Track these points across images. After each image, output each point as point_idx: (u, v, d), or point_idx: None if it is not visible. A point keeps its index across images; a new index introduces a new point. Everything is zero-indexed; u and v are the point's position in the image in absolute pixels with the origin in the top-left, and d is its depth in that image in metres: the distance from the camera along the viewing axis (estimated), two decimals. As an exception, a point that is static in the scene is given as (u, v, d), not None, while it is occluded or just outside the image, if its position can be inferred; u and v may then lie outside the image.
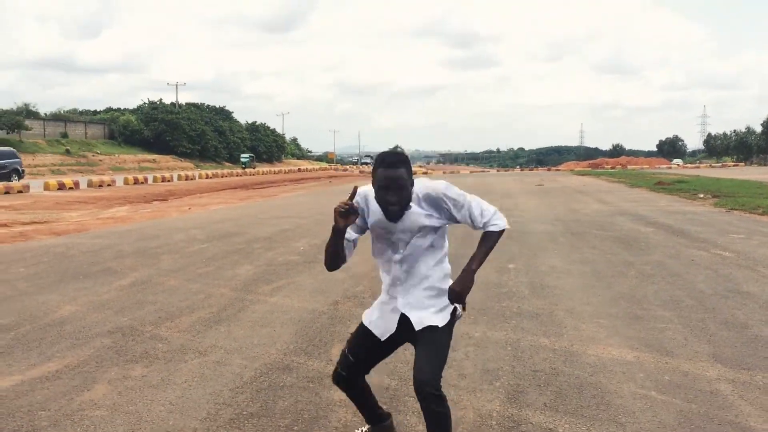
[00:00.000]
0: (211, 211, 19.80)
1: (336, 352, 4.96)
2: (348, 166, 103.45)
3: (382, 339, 3.04)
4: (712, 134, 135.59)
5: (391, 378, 4.38)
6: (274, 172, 67.59)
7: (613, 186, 31.81)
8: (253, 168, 74.74)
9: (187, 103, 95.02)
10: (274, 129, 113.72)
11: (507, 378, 4.31)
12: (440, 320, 2.92)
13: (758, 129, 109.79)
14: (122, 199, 26.28)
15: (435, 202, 2.88)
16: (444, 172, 77.85)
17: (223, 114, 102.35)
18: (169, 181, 43.30)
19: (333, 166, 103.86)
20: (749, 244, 10.19)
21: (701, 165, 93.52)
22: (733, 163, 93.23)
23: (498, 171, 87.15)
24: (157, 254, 10.23)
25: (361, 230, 3.04)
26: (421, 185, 2.90)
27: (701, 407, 3.77)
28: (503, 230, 2.94)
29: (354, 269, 8.55)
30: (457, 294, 2.92)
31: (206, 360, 4.83)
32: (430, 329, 2.90)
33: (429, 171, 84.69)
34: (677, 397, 3.93)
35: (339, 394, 4.05)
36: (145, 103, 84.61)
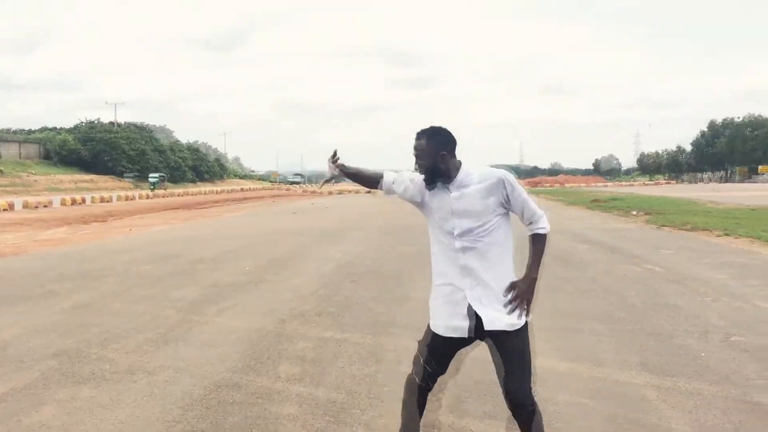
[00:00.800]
0: (154, 232, 19.58)
1: (284, 369, 5.08)
2: (290, 186, 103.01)
3: (462, 335, 3.01)
4: (645, 153, 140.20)
5: (338, 392, 4.52)
6: (217, 192, 66.90)
7: (551, 204, 32.67)
8: (164, 189, 67.00)
9: (126, 122, 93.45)
10: (216, 148, 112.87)
11: (450, 390, 4.51)
12: (514, 320, 2.95)
13: (688, 148, 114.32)
14: (60, 220, 25.67)
15: (493, 184, 2.96)
16: (387, 191, 78.13)
17: (164, 133, 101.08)
18: (108, 201, 42.46)
19: (276, 185, 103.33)
20: (678, 260, 10.71)
21: (634, 183, 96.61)
22: (665, 181, 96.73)
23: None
24: (99, 277, 10.13)
25: (412, 194, 3.14)
26: (482, 168, 3.04)
27: (629, 412, 4.04)
28: (545, 236, 3.07)
29: (300, 288, 8.68)
30: (525, 295, 3.00)
31: (155, 379, 4.88)
32: (508, 334, 2.95)
33: (372, 191, 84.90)
34: (607, 403, 4.20)
35: (287, 409, 4.19)
36: (82, 122, 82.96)
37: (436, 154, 2.98)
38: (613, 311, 6.90)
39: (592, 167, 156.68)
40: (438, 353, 3.11)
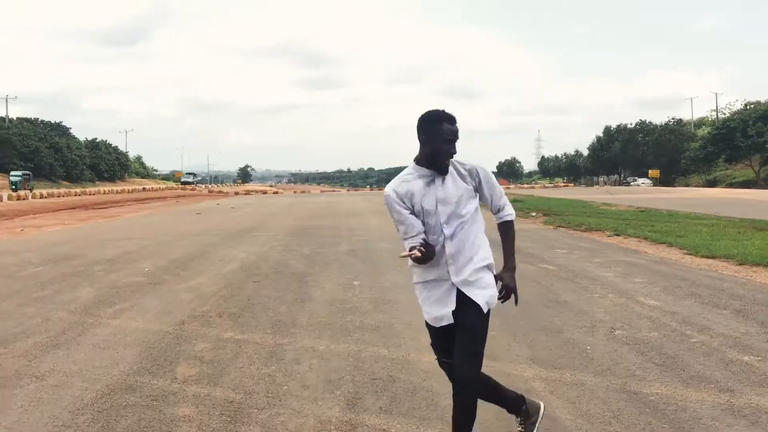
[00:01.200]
0: (47, 233, 18.74)
1: (181, 370, 5.02)
2: (195, 186, 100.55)
3: (450, 322, 3.18)
4: (546, 156, 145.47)
5: (236, 392, 4.51)
6: (117, 192, 64.55)
7: (456, 205, 33.36)
8: (30, 190, 56.14)
9: (18, 118, 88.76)
10: (117, 146, 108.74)
11: (347, 387, 4.58)
12: (489, 296, 3.23)
13: (585, 152, 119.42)
14: (-57, 220, 24.14)
15: (469, 171, 3.22)
16: (295, 192, 77.86)
17: (60, 130, 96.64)
18: (-3, 201, 40.23)
19: (180, 186, 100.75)
20: (570, 258, 11.21)
21: (536, 185, 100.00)
22: (564, 184, 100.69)
23: (348, 191, 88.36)
24: (-15, 279, 9.62)
25: (411, 213, 3.21)
26: (458, 158, 3.22)
27: (517, 403, 4.23)
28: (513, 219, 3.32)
29: (200, 289, 8.56)
30: (512, 289, 3.33)
31: (44, 384, 4.72)
32: (474, 311, 3.15)
33: (279, 191, 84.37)
34: (497, 395, 4.38)
35: (183, 410, 4.15)
36: (-32, 117, 78.17)
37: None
38: (506, 308, 7.13)
39: (496, 170, 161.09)
40: (442, 345, 3.30)
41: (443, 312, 3.18)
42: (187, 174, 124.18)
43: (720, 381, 4.60)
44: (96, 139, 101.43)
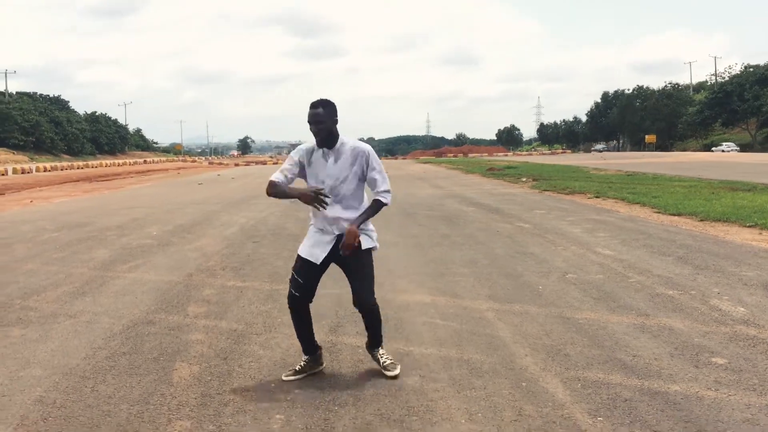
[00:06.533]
0: (56, 204, 19.61)
1: (192, 309, 5.93)
2: (196, 158, 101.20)
3: (318, 263, 4.05)
4: (545, 123, 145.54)
5: (239, 323, 5.42)
6: (118, 165, 65.33)
7: (450, 173, 34.20)
8: None
9: (17, 92, 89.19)
10: (116, 119, 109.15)
11: (331, 318, 5.49)
12: (363, 243, 4.06)
13: (584, 119, 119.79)
14: (-47, 193, 25.01)
15: (358, 156, 4.02)
16: (295, 162, 78.33)
17: (59, 104, 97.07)
18: (3, 174, 41.08)
19: (181, 158, 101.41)
20: (546, 218, 12.11)
21: (534, 152, 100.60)
22: (562, 151, 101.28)
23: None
24: (7, 244, 10.53)
25: (295, 175, 4.09)
26: (353, 140, 4.08)
27: (470, 327, 5.15)
28: (385, 204, 4.11)
29: (205, 249, 9.46)
30: (346, 243, 3.98)
31: (77, 321, 5.63)
32: (358, 257, 4.04)
33: (280, 161, 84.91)
34: (454, 321, 5.30)
35: (196, 336, 5.07)
36: (-31, 92, 78.61)
37: (332, 121, 4.03)
38: (478, 259, 8.08)
39: (495, 138, 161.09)
40: (301, 269, 4.14)
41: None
42: None
43: (641, 309, 5.52)
44: (96, 112, 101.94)
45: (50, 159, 72.51)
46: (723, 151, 66.16)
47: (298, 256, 4.18)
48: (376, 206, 4.12)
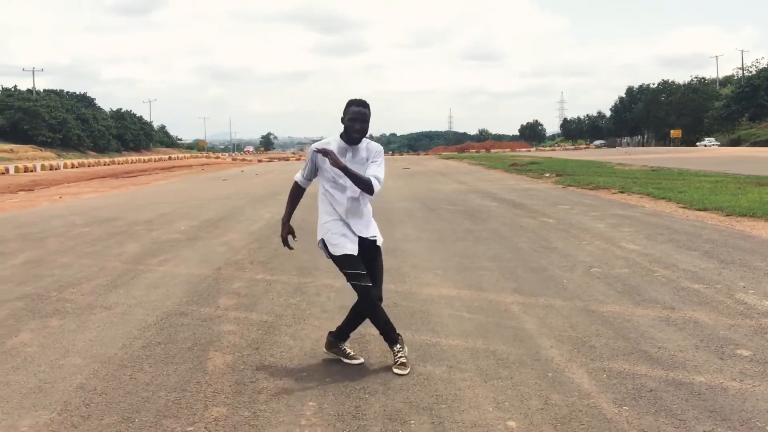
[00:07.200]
0: (85, 200, 19.95)
1: (222, 301, 6.08)
2: (220, 154, 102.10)
3: (356, 253, 4.20)
4: (568, 119, 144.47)
5: (269, 315, 5.54)
6: (144, 161, 66.06)
7: (473, 168, 34.18)
8: None
9: (45, 90, 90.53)
10: (141, 116, 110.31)
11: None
12: (380, 240, 4.39)
13: (608, 113, 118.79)
14: (-15, 190, 25.52)
15: (371, 152, 4.24)
16: (317, 159, 78.64)
17: (85, 101, 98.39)
18: (32, 171, 41.74)
19: (205, 154, 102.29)
20: (570, 213, 12.12)
21: (557, 148, 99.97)
22: (585, 146, 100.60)
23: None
24: (40, 238, 10.77)
25: (313, 174, 4.35)
26: (367, 140, 4.27)
27: (495, 319, 5.23)
28: (372, 188, 4.12)
29: (232, 243, 9.62)
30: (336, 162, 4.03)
31: (112, 312, 5.80)
32: (376, 252, 4.34)
33: (302, 157, 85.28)
34: (480, 314, 5.38)
35: (228, 327, 5.21)
36: (-2, 90, 80.00)
37: (369, 121, 4.21)
38: (502, 253, 8.14)
39: (518, 133, 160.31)
40: (356, 264, 4.22)
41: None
42: None
43: (666, 302, 5.56)
44: (121, 109, 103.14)
45: (77, 156, 73.48)
46: (705, 145, 72.37)
47: (345, 255, 4.22)
48: (366, 179, 4.10)
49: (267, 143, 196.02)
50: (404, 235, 9.98)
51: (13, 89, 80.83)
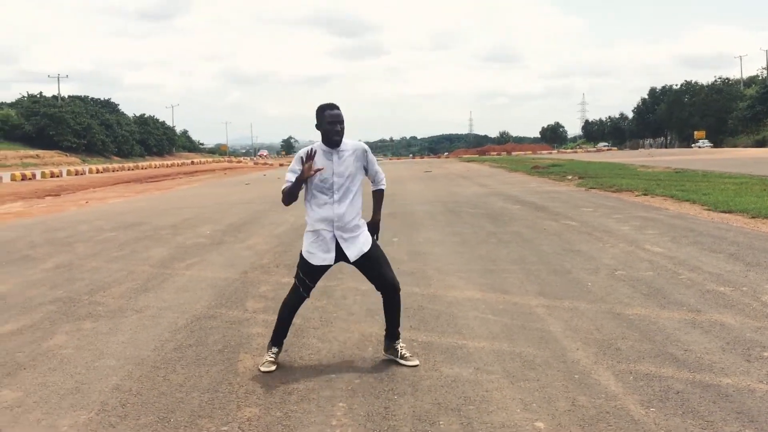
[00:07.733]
0: (110, 204, 20.25)
1: (250, 305, 6.18)
2: (242, 158, 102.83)
3: (329, 263, 4.35)
4: (590, 120, 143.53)
5: (297, 318, 5.62)
6: (167, 166, 66.75)
7: (494, 171, 34.13)
8: None
9: (70, 96, 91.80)
10: (164, 121, 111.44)
11: (383, 314, 5.66)
12: (368, 245, 4.36)
13: (630, 115, 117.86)
14: (13, 195, 26.00)
15: (360, 152, 4.35)
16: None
17: (109, 107, 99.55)
18: (58, 176, 42.44)
19: (227, 158, 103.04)
20: (593, 215, 12.10)
21: (579, 150, 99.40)
22: (607, 148, 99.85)
23: (391, 159, 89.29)
24: (69, 243, 10.97)
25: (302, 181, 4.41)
26: (352, 141, 4.37)
27: (520, 322, 5.27)
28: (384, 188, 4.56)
29: (257, 247, 9.74)
30: (373, 230, 4.51)
31: (143, 315, 5.92)
32: (375, 247, 4.39)
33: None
34: (505, 317, 5.42)
35: (256, 330, 5.30)
36: (24, 97, 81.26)
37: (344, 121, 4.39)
38: (526, 256, 8.17)
39: (539, 135, 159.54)
40: (308, 273, 4.46)
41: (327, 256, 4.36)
42: None
43: (692, 305, 5.56)
44: (144, 114, 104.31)
45: (101, 161, 74.43)
46: (699, 146, 76.93)
47: (308, 262, 4.42)
48: (381, 195, 4.64)
49: (288, 147, 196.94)
50: (427, 238, 10.04)
51: (38, 96, 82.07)
